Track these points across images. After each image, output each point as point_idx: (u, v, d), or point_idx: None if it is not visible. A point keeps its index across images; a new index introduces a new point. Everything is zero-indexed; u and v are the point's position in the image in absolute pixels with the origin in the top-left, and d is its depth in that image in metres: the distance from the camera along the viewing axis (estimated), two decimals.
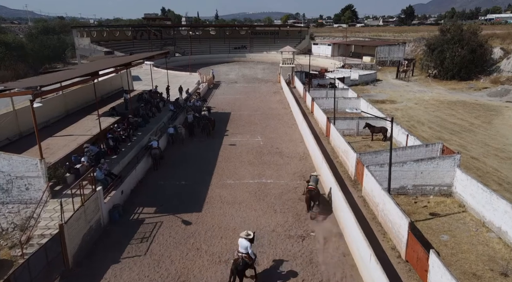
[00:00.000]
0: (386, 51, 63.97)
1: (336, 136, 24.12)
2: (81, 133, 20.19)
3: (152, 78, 34.02)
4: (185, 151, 24.96)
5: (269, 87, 49.42)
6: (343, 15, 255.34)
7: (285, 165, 22.40)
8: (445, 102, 38.29)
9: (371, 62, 64.37)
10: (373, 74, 51.86)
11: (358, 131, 27.50)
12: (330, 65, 68.88)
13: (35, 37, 74.74)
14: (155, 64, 62.32)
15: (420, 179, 17.35)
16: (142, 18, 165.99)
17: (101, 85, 28.61)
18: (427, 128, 29.23)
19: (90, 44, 61.90)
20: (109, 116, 24.21)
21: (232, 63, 75.96)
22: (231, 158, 23.72)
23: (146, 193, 18.62)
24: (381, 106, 36.20)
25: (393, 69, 60.68)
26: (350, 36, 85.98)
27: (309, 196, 15.81)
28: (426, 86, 47.70)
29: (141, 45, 71.60)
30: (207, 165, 22.39)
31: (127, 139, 22.04)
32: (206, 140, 27.25)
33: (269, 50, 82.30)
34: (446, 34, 50.69)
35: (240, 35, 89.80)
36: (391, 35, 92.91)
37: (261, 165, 22.48)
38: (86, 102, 27.06)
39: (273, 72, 63.16)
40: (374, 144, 25.59)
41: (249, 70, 66.59)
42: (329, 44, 77.77)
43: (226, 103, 39.27)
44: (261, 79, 56.10)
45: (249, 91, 46.46)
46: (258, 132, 29.25)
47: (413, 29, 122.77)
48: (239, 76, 59.19)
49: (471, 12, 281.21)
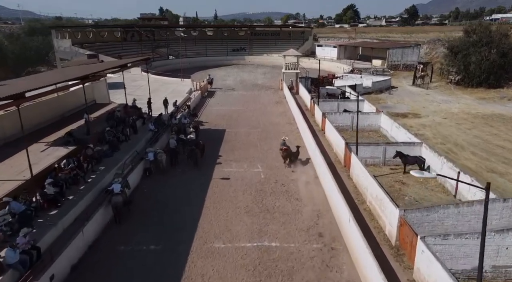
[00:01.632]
0: (399, 54, 58.11)
1: (360, 171, 18.31)
2: (8, 178, 14.35)
3: (139, 85, 28.21)
4: (163, 189, 19.19)
5: (270, 95, 43.61)
6: (345, 15, 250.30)
7: (295, 214, 16.60)
8: (479, 117, 32.47)
9: (382, 66, 58.58)
10: (387, 80, 46.03)
11: (384, 160, 21.71)
12: (336, 70, 63.09)
13: (16, 38, 69.02)
14: (144, 69, 56.76)
15: (505, 258, 11.56)
16: (138, 18, 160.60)
17: (60, 100, 22.80)
18: (470, 154, 23.41)
19: (71, 46, 56.01)
20: (62, 145, 18.40)
21: (230, 67, 70.18)
22: (223, 201, 17.93)
23: (96, 271, 12.80)
24: (404, 121, 30.42)
25: (407, 74, 54.94)
26: (356, 37, 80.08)
27: (285, 155, 21.53)
28: (450, 95, 41.87)
29: (131, 47, 65.69)
30: (190, 214, 16.61)
31: (80, 180, 16.24)
32: (192, 171, 21.50)
33: (270, 52, 76.50)
34: (471, 35, 44.82)
35: (239, 36, 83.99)
36: (400, 36, 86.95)
37: (263, 213, 16.68)
38: (38, 124, 21.19)
39: (274, 77, 57.42)
40: (407, 179, 19.80)
41: (248, 74, 60.78)
42: (334, 46, 71.96)
43: (221, 117, 33.43)
44: (262, 85, 50.24)
45: (248, 100, 40.65)
46: (258, 158, 23.46)
47: (420, 29, 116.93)
48: (237, 82, 53.39)
49: (475, 12, 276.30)
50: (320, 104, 32.63)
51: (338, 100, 34.23)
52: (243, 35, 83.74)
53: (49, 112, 21.14)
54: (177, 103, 32.60)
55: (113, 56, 58.19)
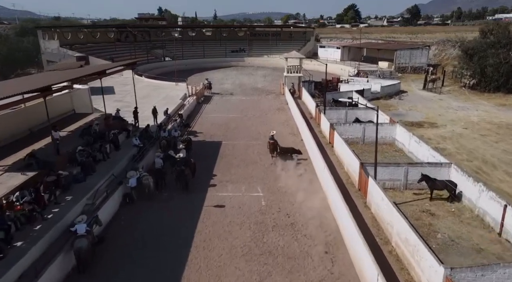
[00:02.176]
0: (407, 56, 54.91)
1: (382, 202, 15.13)
2: None
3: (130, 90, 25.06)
4: (144, 220, 16.03)
5: (271, 101, 40.48)
6: (346, 15, 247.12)
7: (304, 258, 13.44)
8: (503, 126, 29.30)
9: (389, 69, 55.42)
10: (397, 85, 42.84)
11: (406, 183, 18.55)
12: (340, 72, 59.96)
13: (4, 39, 65.90)
14: (139, 72, 53.62)
15: None
16: (135, 18, 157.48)
17: (28, 112, 19.61)
18: (504, 174, 20.25)
19: (59, 47, 52.74)
20: (21, 170, 15.23)
21: (229, 69, 66.98)
22: (215, 237, 14.78)
23: None
24: (421, 132, 27.29)
25: (416, 77, 51.82)
26: (360, 38, 76.83)
27: (272, 148, 22.58)
28: (465, 101, 38.69)
29: (125, 49, 62.41)
30: (174, 256, 13.48)
31: (37, 218, 13.08)
32: (181, 195, 18.37)
33: (270, 53, 73.31)
34: (488, 36, 41.66)
35: (238, 37, 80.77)
36: (405, 37, 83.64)
37: (264, 257, 13.52)
38: (4, 140, 18.02)
39: (275, 80, 54.33)
40: (436, 208, 16.66)
41: (248, 77, 57.60)
42: (337, 47, 68.72)
43: (217, 127, 30.26)
44: (262, 89, 47.07)
45: (248, 107, 37.51)
46: (258, 179, 20.33)
47: (424, 30, 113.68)
48: (235, 86, 50.24)
49: (477, 12, 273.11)
50: (327, 113, 29.47)
51: (346, 108, 31.04)
52: (242, 36, 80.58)
53: (12, 127, 17.96)
54: (168, 112, 29.38)
55: (105, 58, 55.08)
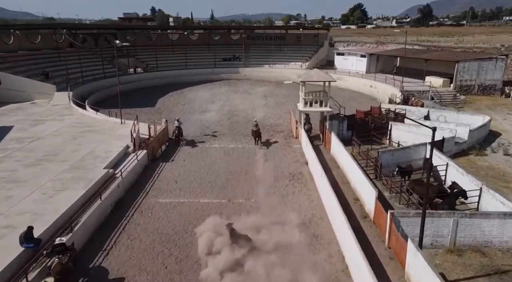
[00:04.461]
0: (473, 70, 37.96)
1: None
2: None
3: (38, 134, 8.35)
4: None
5: (279, 154, 23.63)
6: (352, 16, 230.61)
7: None
8: None
9: (446, 88, 38.57)
10: (486, 124, 25.85)
11: None
12: (369, 91, 43.16)
13: None
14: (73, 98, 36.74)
15: None
16: (119, 19, 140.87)
17: None
18: None
19: None
20: None
21: (218, 84, 50.21)
22: None
23: None
24: None
25: (489, 102, 35.17)
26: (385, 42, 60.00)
27: (255, 134, 24.66)
28: None
29: (75, 58, 45.11)
30: None
31: None
32: None
33: (273, 62, 56.58)
34: None
35: (233, 41, 64.03)
36: (443, 41, 66.57)
37: None
38: None
39: (280, 102, 37.74)
40: None
41: (242, 99, 40.71)
42: (362, 55, 51.83)
43: (160, 257, 13.44)
44: (263, 124, 29.74)
45: (237, 171, 20.76)
46: None
47: (455, 31, 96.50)
48: (223, 116, 33.42)
49: (491, 12, 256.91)
50: (404, 224, 12.60)
51: (456, 214, 14.14)
52: (237, 40, 63.81)
53: None
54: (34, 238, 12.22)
55: (34, 72, 38.31)
